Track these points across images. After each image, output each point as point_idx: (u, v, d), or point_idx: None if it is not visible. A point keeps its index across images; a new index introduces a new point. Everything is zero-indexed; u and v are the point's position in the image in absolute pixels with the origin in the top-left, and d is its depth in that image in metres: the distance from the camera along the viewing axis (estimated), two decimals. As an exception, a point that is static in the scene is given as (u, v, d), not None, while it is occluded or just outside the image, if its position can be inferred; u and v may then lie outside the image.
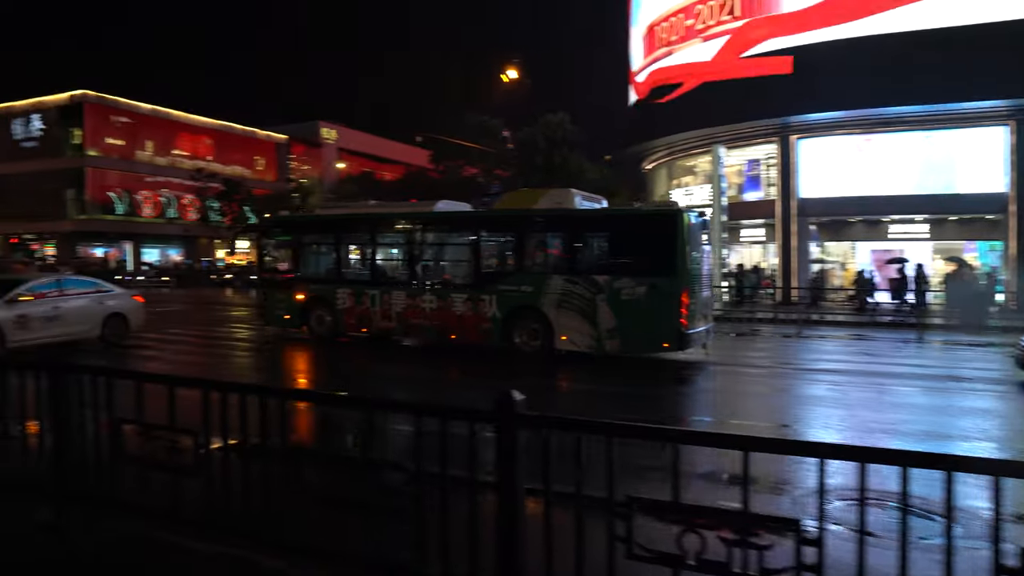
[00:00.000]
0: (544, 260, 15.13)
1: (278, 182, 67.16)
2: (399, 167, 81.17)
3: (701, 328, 14.03)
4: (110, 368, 4.99)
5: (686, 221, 13.38)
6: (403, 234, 16.71)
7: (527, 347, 14.54)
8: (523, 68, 32.39)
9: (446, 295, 15.41)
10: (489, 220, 16.42)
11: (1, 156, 57.81)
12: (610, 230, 14.79)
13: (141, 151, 58.21)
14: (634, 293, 13.53)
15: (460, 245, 16.13)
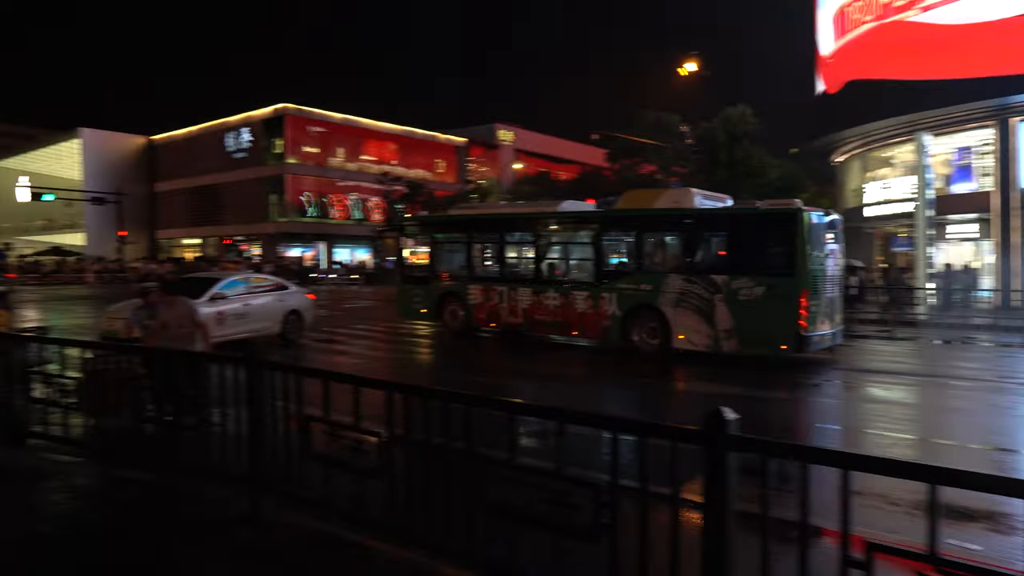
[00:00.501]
0: (663, 259, 15.25)
1: (457, 184, 69.35)
2: (575, 167, 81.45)
3: (824, 331, 13.55)
4: (300, 366, 5.05)
5: (807, 220, 13.06)
6: (528, 233, 17.17)
7: (645, 345, 14.62)
8: (703, 60, 31.04)
9: (568, 292, 15.77)
10: (609, 220, 16.33)
11: (218, 166, 64.25)
12: (729, 229, 14.59)
13: (333, 157, 62.23)
14: (752, 293, 13.36)
15: (582, 244, 16.37)
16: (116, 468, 6.21)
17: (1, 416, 6.74)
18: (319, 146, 61.13)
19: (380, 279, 54.93)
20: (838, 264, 14.49)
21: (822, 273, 13.52)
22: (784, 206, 13.89)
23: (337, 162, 62.52)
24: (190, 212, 68.14)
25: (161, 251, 69.17)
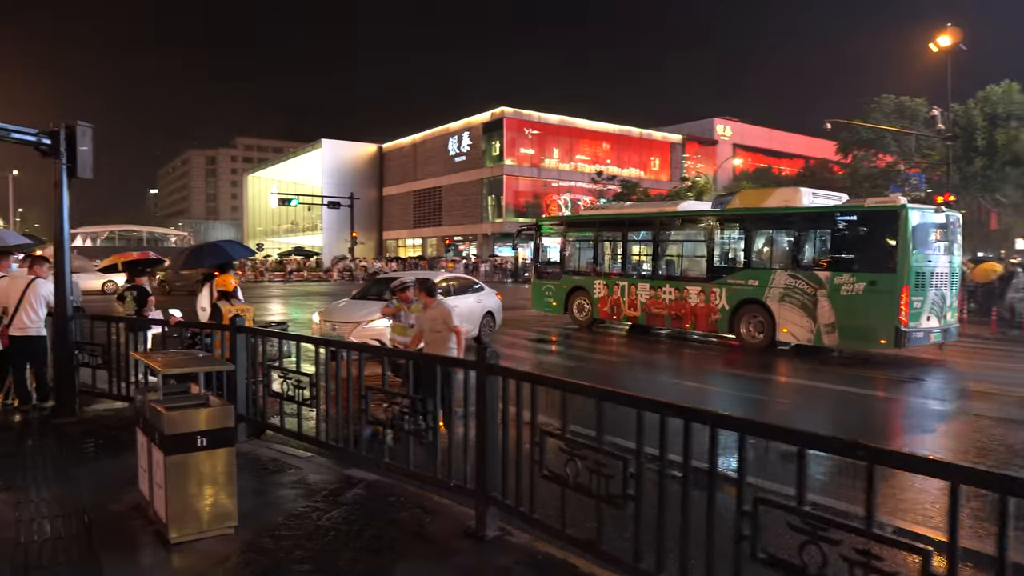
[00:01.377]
0: (769, 256, 15.76)
1: (672, 182, 67.53)
2: (799, 160, 76.45)
3: (929, 327, 13.69)
4: (536, 374, 4.50)
5: (911, 218, 13.21)
6: (647, 231, 18.32)
7: (751, 338, 15.30)
8: (959, 33, 27.30)
9: (682, 287, 16.75)
10: (721, 218, 16.73)
11: (439, 170, 67.60)
12: (832, 227, 14.83)
13: (548, 158, 62.98)
14: (854, 289, 13.71)
15: (695, 242, 17.37)
16: (344, 466, 6.10)
17: (249, 408, 6.90)
18: (535, 147, 62.13)
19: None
20: (951, 262, 14.34)
21: (928, 270, 13.59)
22: (888, 203, 14.06)
23: (552, 162, 63.19)
24: (413, 213, 72.24)
25: (387, 251, 74.03)
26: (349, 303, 13.63)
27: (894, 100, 43.08)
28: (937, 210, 14.32)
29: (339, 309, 13.24)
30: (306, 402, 6.16)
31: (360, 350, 5.89)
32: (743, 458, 3.24)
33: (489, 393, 4.64)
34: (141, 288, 10.82)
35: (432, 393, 5.14)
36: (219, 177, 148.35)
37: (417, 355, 5.99)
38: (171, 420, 4.40)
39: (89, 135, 8.04)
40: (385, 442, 5.60)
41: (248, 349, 6.87)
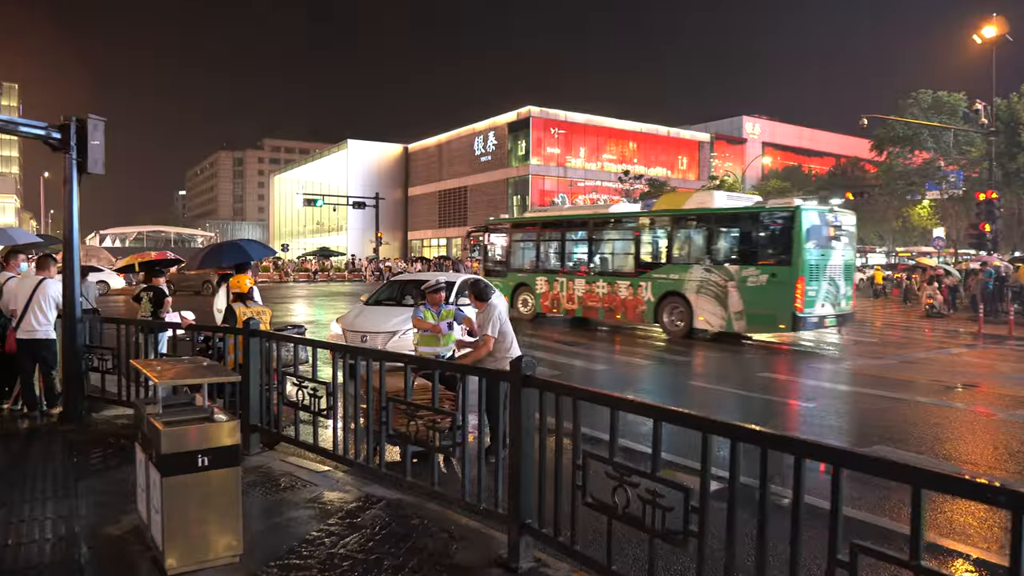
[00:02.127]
0: (687, 252, 17.41)
1: (700, 180, 66.53)
2: (830, 159, 75.07)
3: (823, 313, 15.45)
4: (580, 388, 3.97)
5: (805, 218, 14.99)
6: (582, 231, 20.06)
7: (673, 327, 17.09)
8: (1005, 24, 26.28)
9: (613, 282, 18.57)
10: (644, 219, 18.73)
11: (464, 170, 67.21)
12: (739, 226, 16.55)
13: (574, 157, 62.32)
14: (758, 280, 15.52)
15: (625, 240, 18.98)
16: (363, 483, 5.61)
17: (263, 417, 6.45)
18: (561, 146, 61.53)
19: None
20: (843, 256, 16.08)
21: (821, 263, 15.36)
22: (785, 204, 16.22)
23: (578, 162, 62.53)
24: (438, 214, 71.93)
25: (412, 251, 73.81)
26: (371, 310, 12.01)
27: (932, 95, 41.89)
28: (831, 211, 16.32)
29: (364, 317, 11.64)
30: (322, 412, 5.69)
31: (381, 358, 5.39)
32: (837, 494, 2.68)
33: (524, 408, 4.12)
34: (158, 289, 10.45)
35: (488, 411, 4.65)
36: (246, 178, 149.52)
37: (446, 365, 5.45)
38: (169, 437, 3.93)
39: (101, 129, 7.64)
40: (406, 457, 5.12)
41: (262, 354, 6.42)
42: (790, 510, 2.81)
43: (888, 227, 66.53)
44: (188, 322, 8.44)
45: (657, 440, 3.37)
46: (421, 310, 7.38)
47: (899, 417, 9.10)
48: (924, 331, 20.02)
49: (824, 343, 16.89)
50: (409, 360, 5.15)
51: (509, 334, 6.74)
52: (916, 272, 29.51)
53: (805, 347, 16.20)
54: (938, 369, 13.21)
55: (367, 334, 10.92)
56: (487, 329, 6.64)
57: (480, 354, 6.61)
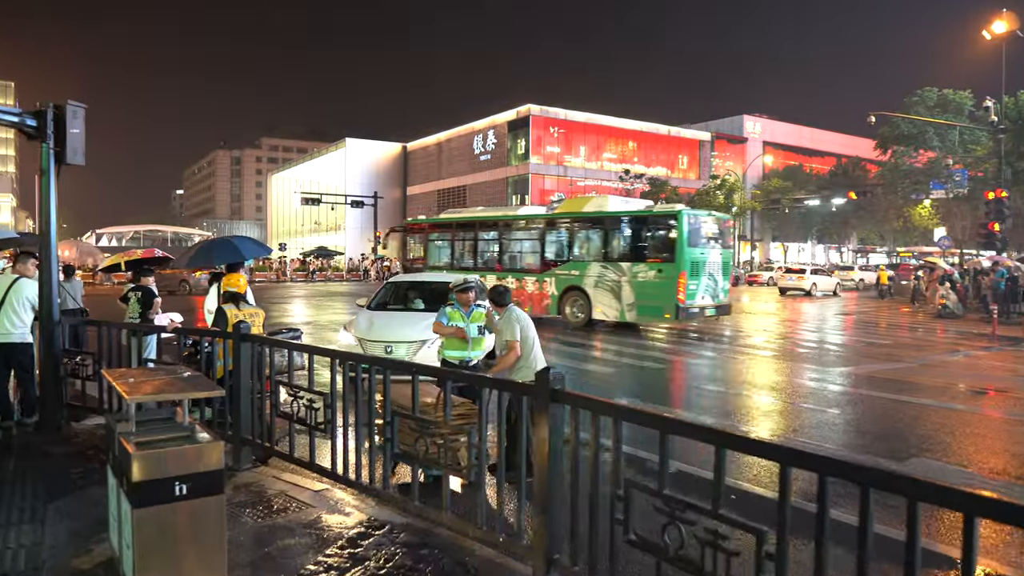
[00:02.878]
0: (586, 251, 19.25)
1: (700, 180, 66.01)
2: (830, 159, 74.59)
3: (703, 304, 17.45)
4: (619, 405, 3.42)
5: (686, 220, 16.96)
6: (493, 231, 21.60)
7: (574, 318, 18.80)
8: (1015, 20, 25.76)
9: (522, 278, 20.22)
10: (548, 221, 20.59)
11: (466, 169, 66.63)
12: (631, 227, 18.35)
13: (574, 156, 61.77)
14: (647, 276, 17.44)
15: (531, 240, 20.69)
16: (366, 504, 5.06)
17: (255, 429, 5.91)
18: (561, 145, 60.99)
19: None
20: (721, 254, 18.23)
21: (701, 260, 17.33)
22: (669, 208, 18.33)
23: (578, 161, 62.00)
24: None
25: (412, 251, 73.02)
26: (385, 316, 10.66)
27: (937, 93, 41.44)
28: (709, 214, 18.69)
29: (383, 325, 10.18)
30: (319, 426, 5.14)
31: (387, 366, 4.84)
32: (969, 547, 2.15)
33: (553, 426, 3.58)
34: (146, 289, 9.91)
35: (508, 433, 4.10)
36: (244, 178, 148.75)
37: (459, 374, 4.88)
38: (142, 462, 3.38)
39: (81, 116, 7.08)
40: (415, 478, 4.57)
41: (254, 360, 5.88)
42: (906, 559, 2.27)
43: (889, 227, 66.12)
44: (174, 325, 7.89)
45: (720, 471, 2.83)
46: (446, 312, 6.77)
47: (933, 425, 8.57)
48: (937, 332, 19.50)
49: (827, 344, 16.38)
50: (418, 369, 4.59)
51: (531, 340, 6.19)
52: (924, 272, 28.96)
53: (804, 350, 15.68)
54: (959, 372, 12.70)
55: (391, 344, 9.51)
56: (508, 335, 6.09)
57: (509, 362, 6.06)
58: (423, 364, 6.89)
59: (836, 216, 65.87)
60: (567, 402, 3.54)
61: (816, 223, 69.76)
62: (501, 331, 6.21)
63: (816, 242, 77.73)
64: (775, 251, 75.41)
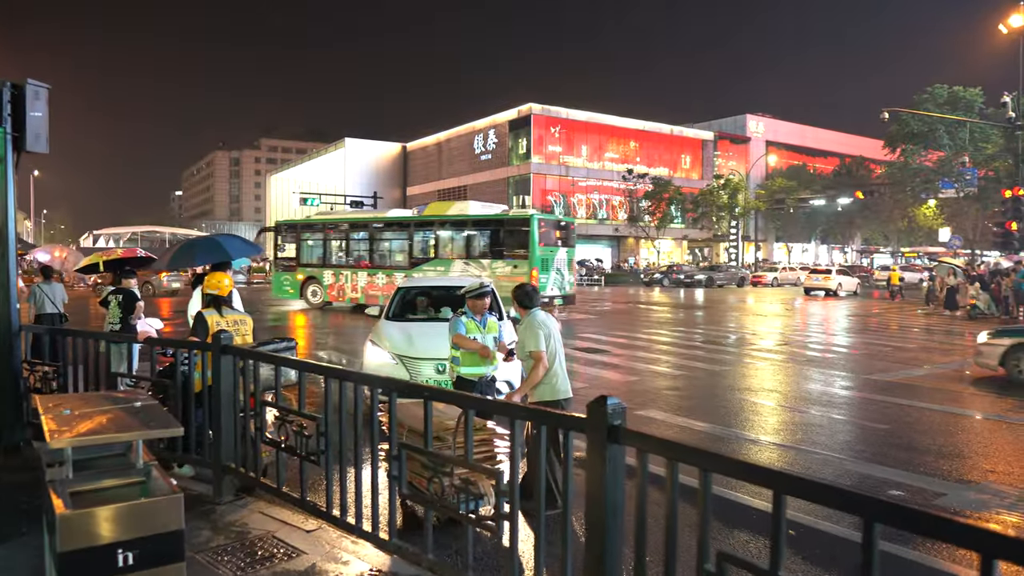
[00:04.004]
0: (450, 249, 21.71)
1: (703, 180, 65.22)
2: (834, 159, 73.78)
3: (552, 294, 19.95)
4: (707, 452, 2.55)
5: (536, 223, 20.00)
6: (363, 231, 23.62)
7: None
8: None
9: (391, 274, 22.24)
10: (415, 222, 22.91)
11: (466, 168, 65.76)
12: (490, 228, 21.06)
13: (576, 156, 60.93)
14: (505, 270, 19.98)
15: (399, 239, 23.08)
16: (367, 549, 4.24)
17: (238, 456, 5.09)
18: (562, 144, 60.16)
19: (617, 280, 52.61)
20: (567, 252, 21.45)
21: (550, 257, 20.32)
22: (523, 212, 21.12)
23: (579, 160, 61.18)
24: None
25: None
26: (418, 328, 9.03)
27: (947, 90, 40.64)
28: (557, 218, 21.78)
29: (423, 337, 8.57)
30: (311, 456, 4.32)
31: (391, 387, 4.02)
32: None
33: (611, 476, 2.75)
34: (128, 292, 9.09)
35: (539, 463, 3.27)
36: (243, 179, 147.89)
37: (485, 402, 4.03)
38: (72, 526, 2.56)
39: (44, 98, 6.27)
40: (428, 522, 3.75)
41: (237, 376, 5.06)
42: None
43: (893, 227, 65.37)
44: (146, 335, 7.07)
45: (871, 547, 2.00)
46: (462, 321, 5.99)
47: (991, 440, 7.76)
48: (966, 336, 18.67)
49: (836, 347, 15.56)
50: (431, 394, 3.75)
51: (554, 350, 5.38)
52: (938, 273, 28.10)
53: (810, 356, 14.86)
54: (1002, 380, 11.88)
55: (445, 361, 7.38)
56: (531, 344, 5.27)
57: (538, 378, 5.23)
58: (442, 389, 6.07)
59: (841, 216, 65.12)
60: (633, 443, 2.72)
61: (820, 223, 69.00)
62: (522, 339, 5.39)
63: (820, 242, 76.98)
64: (778, 251, 74.60)
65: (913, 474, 6.50)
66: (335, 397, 4.21)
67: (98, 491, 2.74)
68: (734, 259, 61.98)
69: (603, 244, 63.99)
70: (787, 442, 7.64)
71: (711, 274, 49.37)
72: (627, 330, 18.78)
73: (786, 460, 6.98)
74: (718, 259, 67.15)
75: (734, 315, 25.34)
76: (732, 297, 36.94)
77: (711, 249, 69.97)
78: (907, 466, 6.75)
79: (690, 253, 68.76)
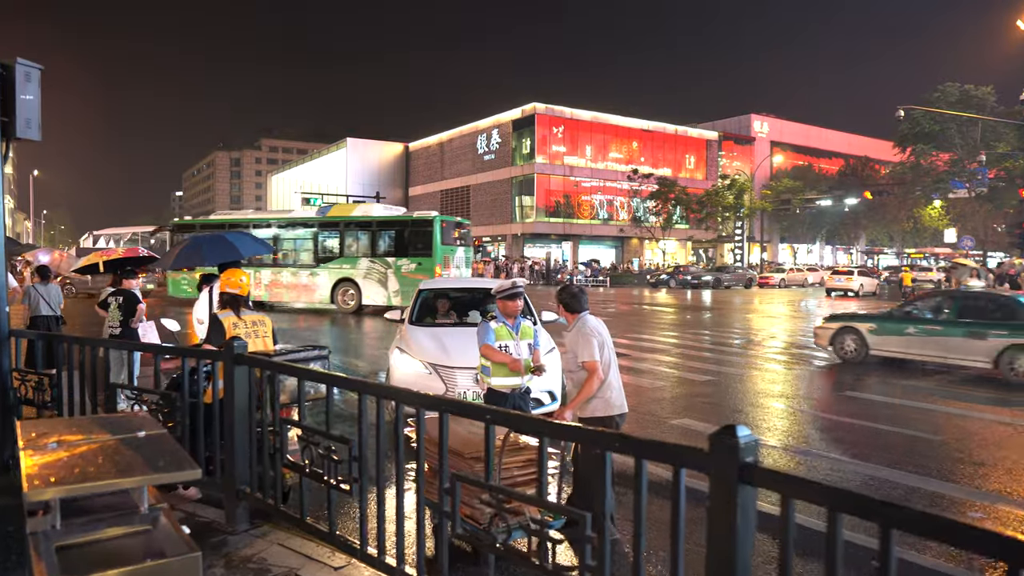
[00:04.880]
0: (356, 248, 22.96)
1: (708, 180, 64.65)
2: (838, 159, 73.24)
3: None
4: (902, 508, 1.98)
5: (438, 225, 21.87)
6: (267, 232, 23.99)
7: (344, 305, 22.70)
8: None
9: (297, 272, 23.51)
10: (319, 223, 23.77)
11: (469, 169, 65.14)
12: (395, 229, 22.59)
13: (580, 156, 60.34)
14: (409, 268, 21.67)
15: (304, 239, 23.94)
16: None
17: (254, 479, 4.50)
18: (567, 144, 59.56)
19: (623, 281, 52.06)
20: (464, 251, 23.42)
21: (451, 255, 22.13)
22: (426, 215, 22.57)
23: (584, 160, 60.59)
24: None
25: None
26: (451, 334, 8.14)
27: (959, 89, 40.05)
28: (456, 220, 23.54)
29: (459, 346, 7.59)
30: (341, 485, 3.73)
31: (445, 408, 3.44)
32: None
33: (742, 525, 2.17)
34: (128, 293, 8.52)
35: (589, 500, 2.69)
36: (243, 179, 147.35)
37: (572, 433, 3.41)
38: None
39: (37, 80, 5.66)
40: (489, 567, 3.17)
41: (253, 389, 4.47)
42: None
43: (899, 228, 64.84)
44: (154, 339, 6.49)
45: None
46: (491, 327, 5.41)
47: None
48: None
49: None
50: (494, 417, 3.14)
51: (608, 358, 4.80)
52: (956, 275, 27.52)
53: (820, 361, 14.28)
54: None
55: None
56: (584, 354, 4.68)
57: (592, 391, 4.65)
58: (515, 413, 5.44)
59: (847, 217, 64.59)
60: (774, 487, 2.13)
61: (826, 224, 68.47)
62: (572, 347, 4.80)
63: (824, 243, 76.42)
64: (783, 252, 74.03)
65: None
66: (372, 416, 3.62)
67: (92, 544, 2.17)
68: (739, 260, 61.41)
69: (607, 245, 63.41)
70: (860, 459, 7.06)
71: (718, 275, 48.81)
72: (641, 332, 18.20)
73: (899, 488, 6.40)
74: (722, 260, 66.59)
75: (750, 317, 24.76)
76: (741, 299, 36.36)
77: (715, 250, 69.40)
78: (968, 478, 6.18)
79: (693, 254, 68.17)
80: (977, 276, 25.33)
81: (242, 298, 5.43)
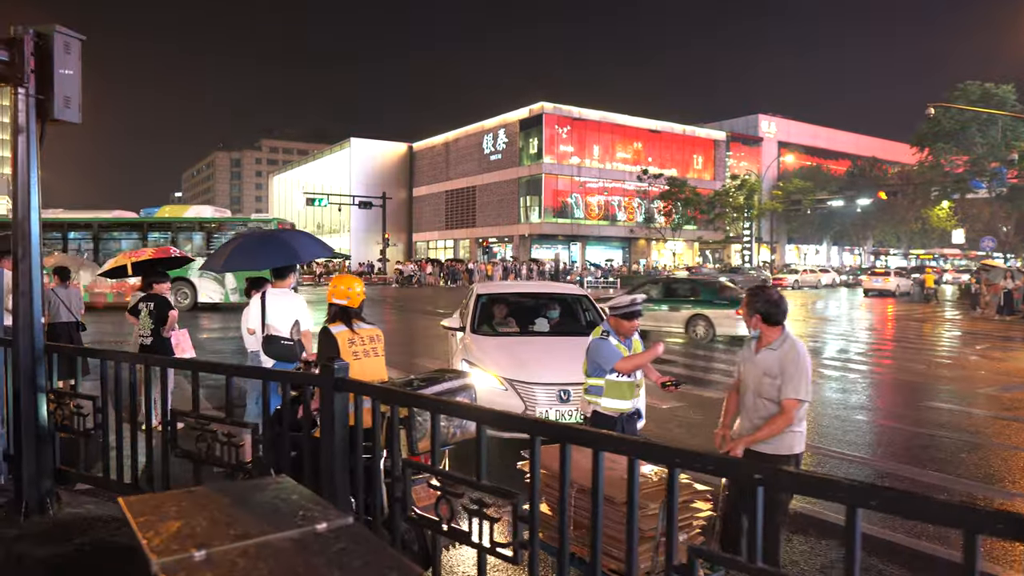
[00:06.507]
0: (190, 249, 22.67)
1: (716, 180, 63.94)
2: (845, 160, 72.66)
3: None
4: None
5: (277, 224, 23.35)
6: (87, 232, 23.89)
7: (177, 303, 22.18)
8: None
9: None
10: (147, 223, 23.96)
11: (475, 169, 64.33)
12: (227, 229, 23.43)
13: (588, 156, 59.58)
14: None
15: (130, 240, 23.62)
16: None
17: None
18: (574, 144, 58.81)
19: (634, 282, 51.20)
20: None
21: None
22: (264, 217, 24.29)
23: (591, 160, 59.84)
24: (444, 214, 69.05)
25: (416, 252, 71.02)
26: (522, 345, 7.49)
27: (980, 87, 39.32)
28: (291, 222, 24.40)
29: (534, 358, 6.95)
30: (503, 552, 2.89)
31: (632, 450, 2.62)
32: None
33: None
34: (160, 299, 7.71)
35: None
36: (244, 180, 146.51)
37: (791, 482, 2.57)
38: None
39: (77, 51, 4.81)
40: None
41: (382, 429, 3.59)
42: None
43: (907, 229, 64.23)
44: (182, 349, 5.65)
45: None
46: (612, 345, 4.68)
47: None
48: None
49: (913, 354, 14.18)
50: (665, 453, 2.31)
51: (807, 391, 3.91)
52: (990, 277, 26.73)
53: (903, 367, 13.49)
54: None
55: (568, 387, 6.38)
56: (800, 387, 3.79)
57: (781, 428, 3.80)
58: (685, 450, 4.66)
59: (857, 218, 63.97)
60: None
61: (836, 225, 67.83)
62: (782, 374, 3.84)
63: (832, 244, 75.82)
64: (790, 253, 73.36)
65: None
66: (553, 465, 2.78)
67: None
68: (747, 261, 60.70)
69: (615, 246, 62.65)
70: (983, 480, 6.25)
71: (732, 276, 48.06)
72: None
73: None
74: (729, 261, 65.90)
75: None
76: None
77: (723, 251, 68.70)
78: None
79: (700, 255, 67.43)
80: (1012, 277, 24.55)
81: (355, 310, 4.57)
